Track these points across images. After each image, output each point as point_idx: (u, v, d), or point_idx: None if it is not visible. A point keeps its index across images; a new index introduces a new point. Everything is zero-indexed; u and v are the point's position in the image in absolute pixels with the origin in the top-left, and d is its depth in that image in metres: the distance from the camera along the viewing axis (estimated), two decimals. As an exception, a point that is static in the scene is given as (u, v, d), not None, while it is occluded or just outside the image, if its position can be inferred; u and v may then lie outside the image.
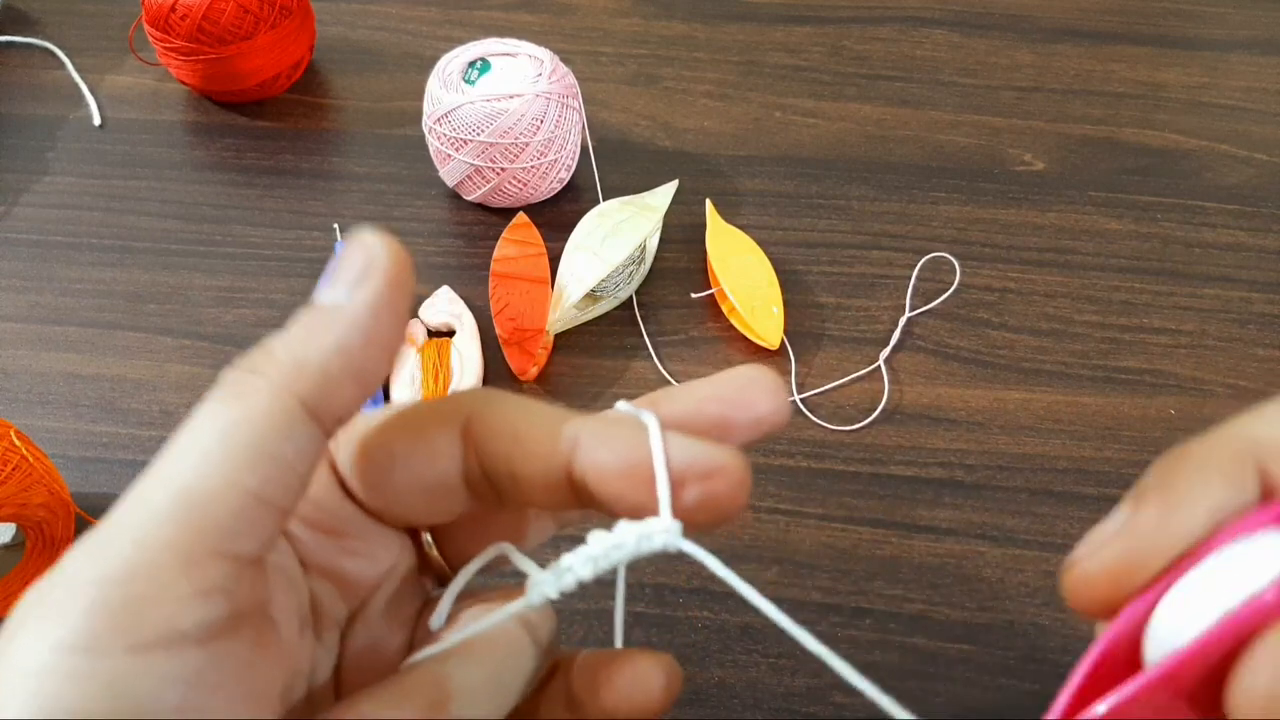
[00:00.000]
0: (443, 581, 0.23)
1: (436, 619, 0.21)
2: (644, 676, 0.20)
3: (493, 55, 0.51)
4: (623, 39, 0.62)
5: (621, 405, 0.20)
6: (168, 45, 0.55)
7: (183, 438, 0.17)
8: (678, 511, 0.18)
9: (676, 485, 0.18)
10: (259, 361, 0.18)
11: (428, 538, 0.23)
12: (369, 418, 0.21)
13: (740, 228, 0.51)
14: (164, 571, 0.16)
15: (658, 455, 0.17)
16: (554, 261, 0.49)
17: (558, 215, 0.52)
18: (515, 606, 0.19)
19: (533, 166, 0.50)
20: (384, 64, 0.61)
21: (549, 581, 0.19)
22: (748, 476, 0.18)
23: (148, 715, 0.16)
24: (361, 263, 0.19)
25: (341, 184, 0.55)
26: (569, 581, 0.19)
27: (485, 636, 0.20)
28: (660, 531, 0.17)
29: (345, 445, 0.21)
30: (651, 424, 0.18)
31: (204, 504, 0.17)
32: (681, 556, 0.19)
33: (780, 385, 0.20)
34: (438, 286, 0.49)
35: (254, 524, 0.17)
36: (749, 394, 0.20)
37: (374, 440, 0.20)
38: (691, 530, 0.18)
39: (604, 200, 0.52)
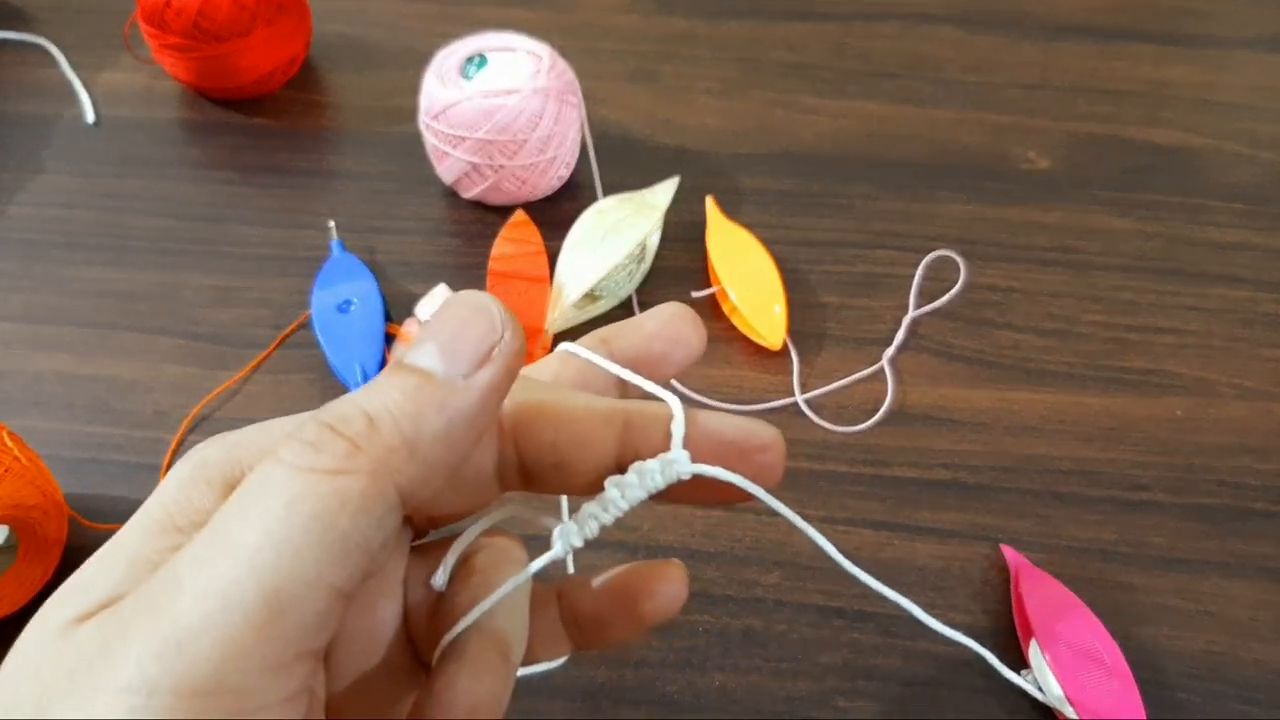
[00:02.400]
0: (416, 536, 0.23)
1: (440, 578, 0.21)
2: (677, 583, 0.22)
3: (490, 51, 0.50)
4: (623, 35, 0.62)
5: (567, 346, 0.22)
6: (163, 42, 0.54)
7: (268, 512, 0.15)
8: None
9: (739, 456, 0.20)
10: (361, 434, 0.16)
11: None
12: None
13: (742, 226, 0.51)
14: (253, 679, 0.15)
15: (678, 413, 0.20)
16: (553, 260, 0.49)
17: (557, 213, 0.51)
18: (544, 560, 0.19)
19: (531, 164, 0.49)
20: (381, 60, 0.60)
21: (574, 531, 0.19)
22: (785, 448, 0.20)
23: None
24: (486, 339, 0.17)
25: (338, 182, 0.54)
26: (592, 528, 0.19)
27: (505, 578, 0.20)
28: (677, 460, 0.19)
29: None
30: (676, 405, 0.20)
31: (293, 606, 0.15)
32: (682, 561, 0.21)
33: (699, 321, 0.23)
34: (435, 285, 0.49)
35: (334, 618, 0.16)
36: (682, 331, 0.23)
37: None
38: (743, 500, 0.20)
39: (603, 198, 0.51)
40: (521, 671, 0.23)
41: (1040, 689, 0.37)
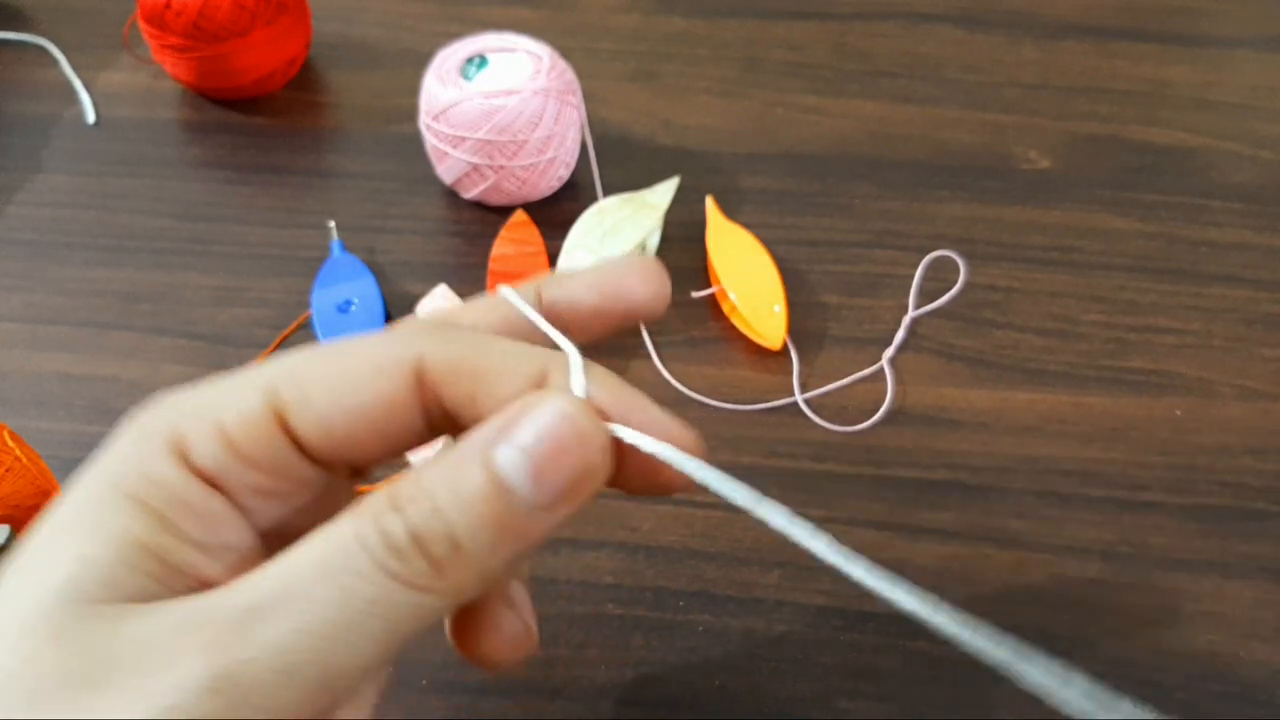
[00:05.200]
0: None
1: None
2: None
3: (490, 51, 0.50)
4: (622, 35, 0.62)
5: (504, 290, 0.23)
6: (163, 42, 0.54)
7: (346, 603, 0.16)
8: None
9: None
10: (445, 559, 0.17)
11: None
12: (319, 369, 0.20)
13: (742, 226, 0.50)
14: None
15: (575, 359, 0.21)
16: (553, 260, 0.49)
17: (557, 213, 0.51)
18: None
19: (531, 164, 0.49)
20: (381, 60, 0.60)
21: None
22: (701, 449, 0.21)
23: None
24: (580, 477, 0.18)
25: (337, 181, 0.54)
26: None
27: None
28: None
29: (303, 400, 0.19)
30: (574, 354, 0.21)
31: (340, 684, 0.17)
32: (683, 561, 0.22)
33: (661, 274, 0.23)
34: (435, 285, 0.49)
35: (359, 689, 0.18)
36: (625, 284, 0.23)
37: (334, 394, 0.19)
38: (662, 490, 0.22)
39: (603, 198, 0.51)
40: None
41: None
